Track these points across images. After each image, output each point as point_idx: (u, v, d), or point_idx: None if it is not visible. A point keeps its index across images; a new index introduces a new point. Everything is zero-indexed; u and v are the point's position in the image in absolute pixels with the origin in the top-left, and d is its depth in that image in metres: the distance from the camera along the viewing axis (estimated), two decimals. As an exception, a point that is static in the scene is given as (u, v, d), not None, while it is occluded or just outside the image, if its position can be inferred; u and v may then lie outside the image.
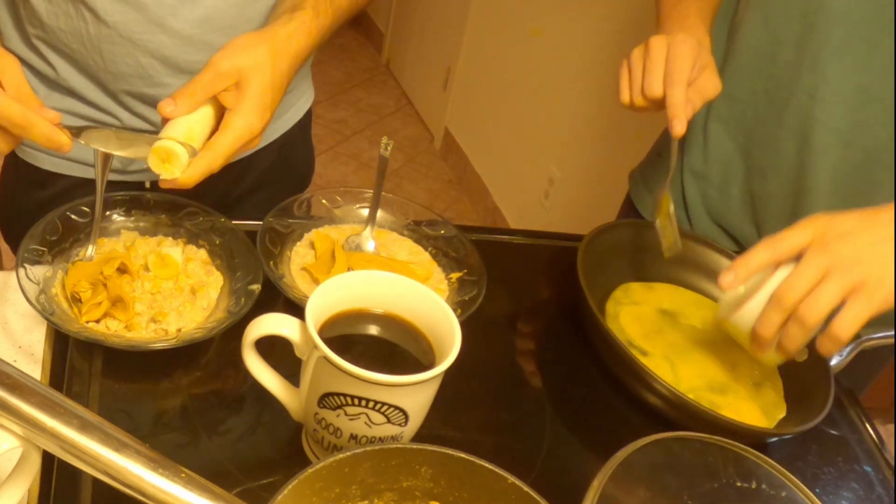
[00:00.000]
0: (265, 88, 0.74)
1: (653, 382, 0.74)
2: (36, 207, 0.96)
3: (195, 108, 0.71)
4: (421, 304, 0.64)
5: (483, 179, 2.91)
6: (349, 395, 0.57)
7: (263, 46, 0.74)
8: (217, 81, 0.72)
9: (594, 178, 2.25)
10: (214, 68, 0.71)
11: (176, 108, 0.70)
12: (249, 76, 0.72)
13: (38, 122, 0.65)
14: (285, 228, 0.86)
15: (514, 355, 0.83)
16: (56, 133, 0.67)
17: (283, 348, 0.61)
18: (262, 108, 0.73)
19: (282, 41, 0.76)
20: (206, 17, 0.84)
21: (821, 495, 0.65)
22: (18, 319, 0.74)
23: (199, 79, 0.71)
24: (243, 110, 0.72)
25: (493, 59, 2.84)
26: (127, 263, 0.76)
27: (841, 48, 0.82)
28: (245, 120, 0.72)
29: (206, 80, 0.71)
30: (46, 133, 0.66)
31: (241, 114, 0.72)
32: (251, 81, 0.72)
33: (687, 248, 0.88)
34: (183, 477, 0.46)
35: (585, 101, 2.28)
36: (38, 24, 0.84)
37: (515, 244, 1.00)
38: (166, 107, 0.70)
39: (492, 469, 0.54)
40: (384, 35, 3.85)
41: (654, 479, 0.64)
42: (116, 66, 0.85)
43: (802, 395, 0.81)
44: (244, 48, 0.73)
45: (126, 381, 0.70)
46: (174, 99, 0.70)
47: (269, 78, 0.74)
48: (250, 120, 0.73)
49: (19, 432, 0.46)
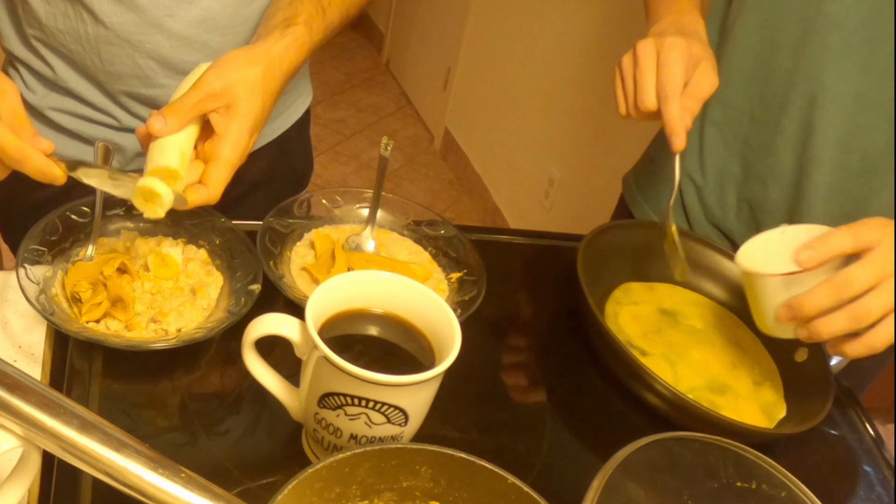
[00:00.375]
0: (255, 112, 0.73)
1: (653, 382, 0.74)
2: (33, 207, 0.96)
3: (184, 127, 0.71)
4: (421, 304, 0.64)
5: (483, 179, 2.91)
6: (349, 395, 0.57)
7: (257, 67, 0.74)
8: (208, 102, 0.71)
9: (594, 178, 2.25)
10: (206, 88, 0.71)
11: (166, 126, 0.69)
12: (239, 99, 0.72)
13: (32, 155, 0.65)
14: (285, 228, 0.86)
15: (514, 355, 0.83)
16: (50, 167, 0.66)
17: (283, 348, 0.61)
18: (250, 133, 0.74)
19: (275, 61, 0.76)
20: (202, 18, 0.84)
21: (821, 495, 0.65)
22: (18, 319, 0.74)
23: (190, 97, 0.70)
24: (233, 138, 0.72)
25: (493, 59, 2.84)
26: (127, 263, 0.76)
27: (839, 54, 0.82)
28: (234, 147, 0.72)
29: (197, 99, 0.70)
30: (40, 167, 0.65)
31: (231, 141, 0.72)
32: (241, 105, 0.72)
33: (687, 248, 0.88)
34: (183, 477, 0.46)
35: (585, 101, 2.28)
36: (37, 24, 0.84)
37: (515, 244, 1.00)
38: (156, 124, 0.69)
39: (492, 469, 0.54)
40: (384, 35, 3.85)
41: (654, 479, 0.64)
42: (114, 66, 0.85)
43: (802, 395, 0.81)
44: (237, 68, 0.72)
45: (126, 381, 0.70)
46: (164, 116, 0.69)
47: (259, 102, 0.74)
48: (239, 147, 0.73)
49: (19, 432, 0.46)
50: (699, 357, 0.84)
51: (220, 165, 0.72)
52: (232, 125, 0.72)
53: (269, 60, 0.75)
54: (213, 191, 0.72)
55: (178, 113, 0.70)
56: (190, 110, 0.70)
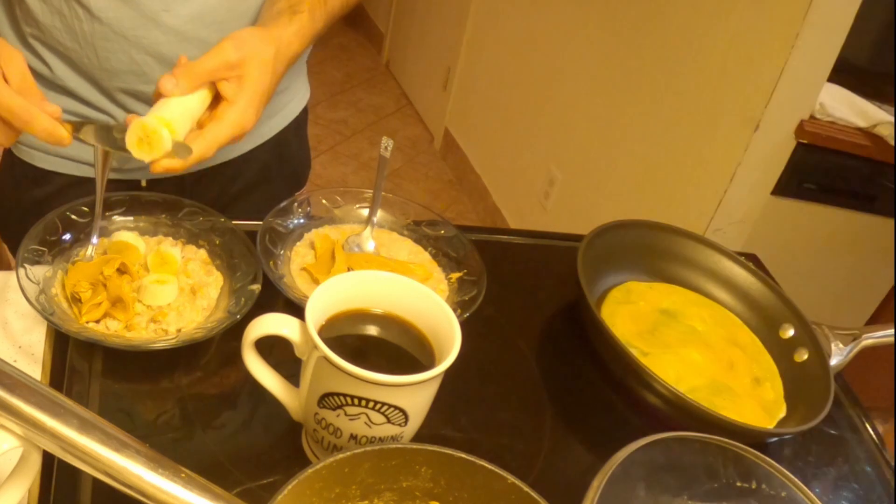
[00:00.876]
0: (264, 89, 0.74)
1: (653, 382, 0.74)
2: (32, 206, 0.96)
3: (195, 90, 0.71)
4: (421, 304, 0.64)
5: (483, 179, 2.91)
6: (349, 395, 0.57)
7: (271, 48, 0.74)
8: (222, 69, 0.71)
9: (594, 178, 2.25)
10: (223, 55, 0.71)
11: (177, 86, 0.69)
12: (253, 73, 0.72)
13: (39, 116, 0.66)
14: (285, 228, 0.85)
15: (514, 355, 0.83)
16: (57, 128, 0.67)
17: (283, 348, 0.61)
18: (256, 107, 0.74)
19: (284, 45, 0.76)
20: (198, 13, 0.84)
21: (821, 495, 0.65)
22: (18, 319, 0.74)
23: (205, 62, 0.71)
24: (241, 105, 0.72)
25: (493, 59, 2.84)
26: (127, 263, 0.75)
27: None
28: (241, 115, 0.72)
29: (212, 65, 0.71)
30: (48, 127, 0.66)
31: (239, 109, 0.72)
32: (253, 78, 0.72)
33: (688, 248, 0.88)
34: (183, 477, 0.46)
35: (585, 101, 2.28)
36: (34, 22, 0.84)
37: (515, 244, 1.00)
38: (167, 83, 0.69)
39: (492, 469, 0.54)
40: (384, 35, 3.85)
41: (654, 479, 0.64)
42: (111, 63, 0.85)
43: (802, 394, 0.81)
44: (253, 44, 0.73)
45: (126, 381, 0.70)
46: (175, 77, 0.70)
47: (269, 79, 0.74)
48: (246, 116, 0.73)
49: (19, 432, 0.46)
50: (699, 357, 0.84)
51: (223, 125, 0.72)
52: (242, 94, 0.72)
53: (279, 43, 0.76)
54: (208, 146, 0.71)
55: (191, 75, 0.70)
56: (203, 75, 0.71)
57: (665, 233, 0.94)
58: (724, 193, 1.75)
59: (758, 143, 1.67)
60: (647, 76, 2.00)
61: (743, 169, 1.71)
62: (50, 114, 0.66)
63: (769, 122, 1.65)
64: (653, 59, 1.98)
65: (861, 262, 1.88)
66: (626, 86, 2.09)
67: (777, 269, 1.01)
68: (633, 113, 2.04)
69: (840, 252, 1.86)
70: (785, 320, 0.87)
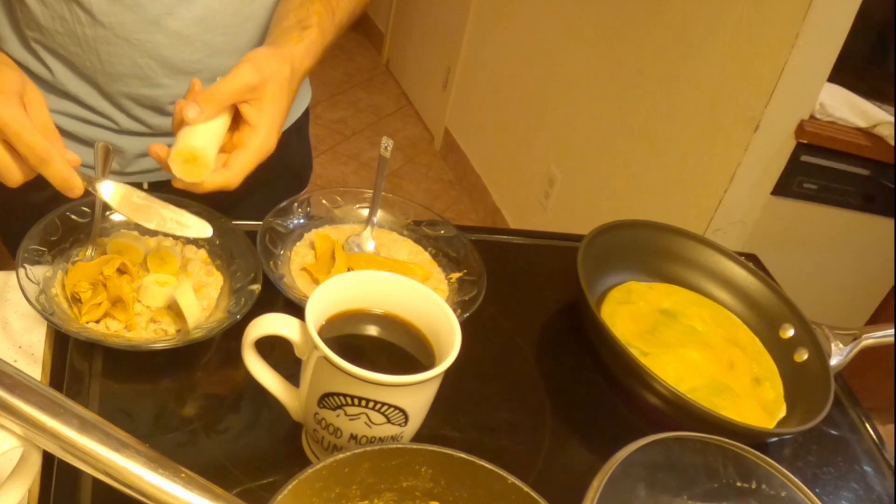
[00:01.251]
0: (282, 109, 0.75)
1: (653, 382, 0.74)
2: (32, 207, 0.96)
3: (217, 115, 0.71)
4: (421, 304, 0.64)
5: (483, 179, 2.91)
6: (349, 395, 0.57)
7: (286, 66, 0.75)
8: (244, 92, 0.72)
9: (594, 178, 2.25)
10: (243, 78, 0.71)
11: (201, 114, 0.70)
12: (272, 94, 0.73)
13: (58, 159, 0.65)
14: (285, 228, 0.85)
15: (514, 355, 0.83)
16: (72, 174, 0.66)
17: (283, 348, 0.61)
18: (277, 129, 0.75)
19: (297, 62, 0.77)
20: (203, 17, 0.84)
21: (821, 495, 0.65)
22: (18, 319, 0.74)
23: (226, 86, 0.71)
24: (264, 131, 0.73)
25: (493, 59, 2.84)
26: (127, 263, 0.75)
27: None
28: (265, 141, 0.74)
29: (233, 88, 0.71)
30: (63, 173, 0.65)
31: (263, 134, 0.73)
32: (273, 100, 0.73)
33: (688, 248, 0.88)
34: (183, 477, 0.46)
35: (585, 100, 2.28)
36: (36, 27, 0.84)
37: (515, 244, 1.00)
38: (191, 111, 0.69)
39: (492, 469, 0.54)
40: (384, 35, 3.85)
41: (654, 479, 0.64)
42: (114, 66, 0.85)
43: (802, 395, 0.81)
44: (270, 65, 0.74)
45: (126, 381, 0.70)
46: (198, 104, 0.69)
47: (286, 99, 0.75)
48: (270, 140, 0.74)
49: (19, 432, 0.46)
50: (699, 357, 0.84)
51: (248, 153, 0.73)
52: (264, 118, 0.73)
53: (293, 62, 0.76)
54: (236, 176, 0.72)
55: (214, 101, 0.70)
56: (226, 99, 0.71)
57: (665, 233, 0.94)
58: (723, 193, 1.75)
59: (758, 143, 1.67)
60: (647, 76, 2.00)
61: (743, 169, 1.71)
62: (69, 161, 0.66)
63: (769, 122, 1.65)
64: (653, 58, 1.98)
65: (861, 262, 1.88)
66: (626, 86, 2.09)
67: (777, 269, 1.01)
68: (633, 113, 2.04)
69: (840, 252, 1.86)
70: (785, 320, 0.87)
